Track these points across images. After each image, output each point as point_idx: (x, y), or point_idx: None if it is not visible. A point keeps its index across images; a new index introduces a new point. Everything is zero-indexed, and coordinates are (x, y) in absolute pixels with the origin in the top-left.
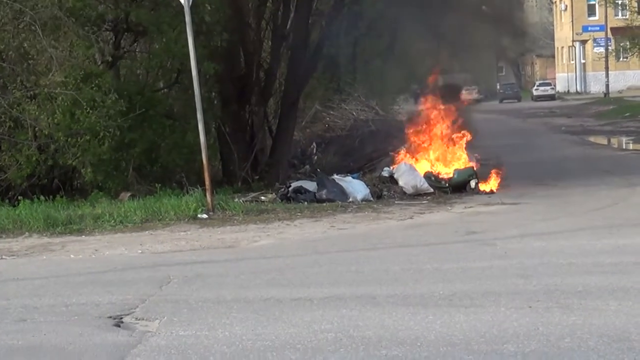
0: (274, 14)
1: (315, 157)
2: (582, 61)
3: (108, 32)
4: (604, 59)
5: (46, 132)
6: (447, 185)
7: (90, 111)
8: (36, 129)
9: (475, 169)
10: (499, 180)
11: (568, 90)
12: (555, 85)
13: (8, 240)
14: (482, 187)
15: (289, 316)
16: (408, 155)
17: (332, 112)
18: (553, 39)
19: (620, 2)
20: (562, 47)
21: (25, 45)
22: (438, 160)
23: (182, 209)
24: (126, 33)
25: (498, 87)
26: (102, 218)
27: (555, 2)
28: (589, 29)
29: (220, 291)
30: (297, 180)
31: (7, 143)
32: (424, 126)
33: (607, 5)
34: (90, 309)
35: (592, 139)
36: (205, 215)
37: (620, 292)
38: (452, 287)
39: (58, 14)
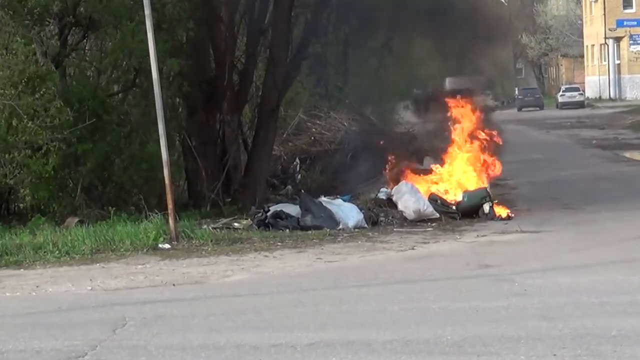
0: (250, 5)
1: (299, 176)
2: (617, 62)
3: (53, 27)
4: None
5: None
6: (455, 209)
7: (31, 121)
8: None
9: (488, 190)
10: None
11: (600, 97)
12: (584, 91)
13: None
14: (498, 211)
15: None
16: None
17: (318, 122)
18: (582, 36)
19: None
20: (593, 45)
21: None
22: (446, 180)
23: (139, 238)
24: (74, 27)
25: (516, 92)
26: (44, 248)
27: None
28: (625, 23)
29: (186, 335)
30: (277, 204)
31: None
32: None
33: None
34: (30, 357)
35: (628, 154)
36: (167, 245)
37: None
38: (463, 330)
39: None
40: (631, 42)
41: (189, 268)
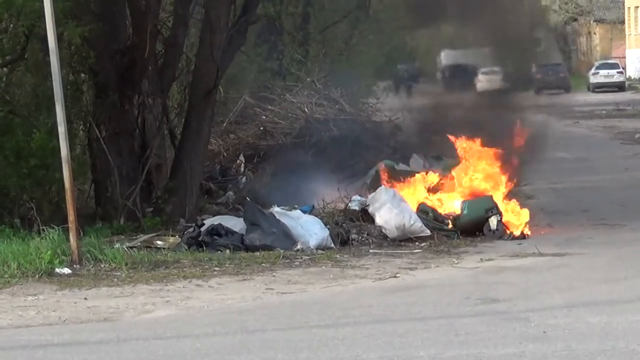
0: None
1: (244, 179)
2: None
3: None
4: None
5: None
6: (452, 225)
7: None
8: None
9: (495, 199)
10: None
11: None
12: (624, 68)
13: None
14: (509, 227)
15: None
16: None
17: (270, 108)
18: None
19: None
20: (637, 8)
21: None
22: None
23: (29, 260)
24: None
25: (534, 69)
26: None
27: None
28: None
29: None
30: (214, 216)
31: None
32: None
33: None
34: None
35: None
36: (67, 270)
37: None
38: None
39: None
40: None
41: (96, 300)
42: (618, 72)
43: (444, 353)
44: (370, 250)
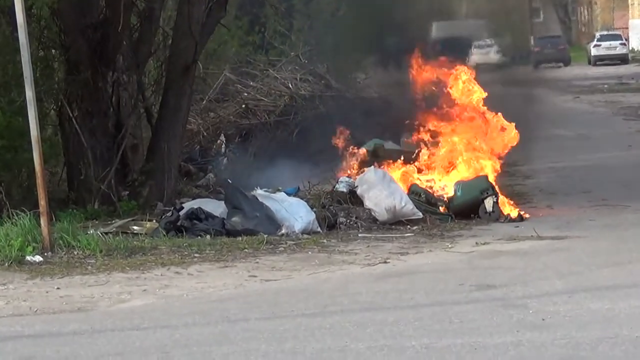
0: None
1: (225, 160)
2: None
3: None
4: None
5: None
6: (446, 207)
7: None
8: None
9: (491, 179)
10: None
11: None
12: (627, 40)
13: None
14: (505, 209)
15: None
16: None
17: (253, 84)
18: None
19: None
20: None
21: None
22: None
23: None
24: None
25: (532, 42)
26: None
27: None
28: None
29: None
30: (193, 199)
31: None
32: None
33: None
34: None
35: None
36: (38, 258)
37: None
38: None
39: None
40: None
41: (69, 289)
42: (621, 44)
43: (437, 342)
44: (359, 235)
